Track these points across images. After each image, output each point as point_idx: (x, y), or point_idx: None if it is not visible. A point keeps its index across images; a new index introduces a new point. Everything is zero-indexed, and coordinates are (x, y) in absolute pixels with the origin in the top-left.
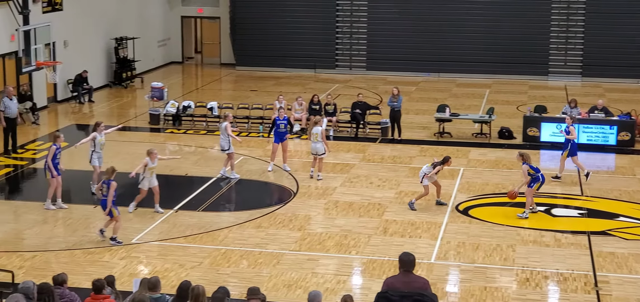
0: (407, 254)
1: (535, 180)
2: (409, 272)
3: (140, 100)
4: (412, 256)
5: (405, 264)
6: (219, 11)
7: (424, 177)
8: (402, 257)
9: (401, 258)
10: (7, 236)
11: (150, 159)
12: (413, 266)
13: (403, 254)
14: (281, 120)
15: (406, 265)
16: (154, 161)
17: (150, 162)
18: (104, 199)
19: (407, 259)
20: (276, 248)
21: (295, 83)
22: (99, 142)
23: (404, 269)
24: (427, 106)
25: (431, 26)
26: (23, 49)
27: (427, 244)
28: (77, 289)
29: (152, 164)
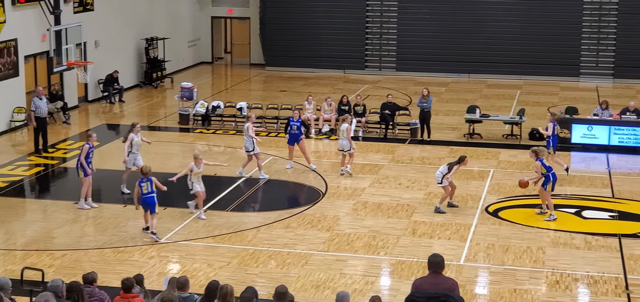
0: (436, 255)
1: (547, 180)
2: (437, 273)
3: (170, 101)
4: (441, 257)
5: (434, 265)
6: (249, 11)
7: (443, 178)
8: (431, 258)
9: (430, 260)
10: (37, 235)
11: (196, 164)
12: (442, 267)
13: (431, 256)
14: (294, 121)
15: (434, 266)
16: (199, 166)
17: (196, 168)
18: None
19: (436, 261)
20: (304, 248)
21: (324, 84)
22: (136, 142)
23: (433, 271)
24: (457, 107)
25: (462, 26)
26: (54, 48)
27: (456, 245)
28: (106, 288)
29: (198, 169)
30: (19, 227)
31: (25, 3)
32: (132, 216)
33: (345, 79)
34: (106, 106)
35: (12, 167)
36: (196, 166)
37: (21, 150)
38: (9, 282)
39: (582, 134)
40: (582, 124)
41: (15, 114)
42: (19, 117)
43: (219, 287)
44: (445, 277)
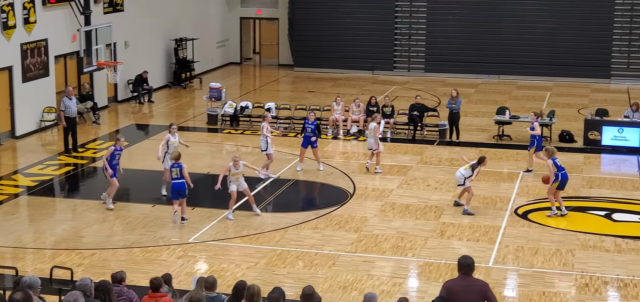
0: (466, 257)
1: (555, 179)
2: (468, 275)
3: (199, 101)
4: (471, 259)
5: (464, 267)
6: (277, 12)
7: (465, 180)
8: (461, 260)
9: (460, 261)
10: (66, 234)
11: (234, 166)
12: (472, 270)
13: (462, 258)
14: (309, 124)
15: (465, 268)
16: (237, 167)
17: (234, 168)
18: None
19: (466, 263)
20: (332, 249)
21: (353, 84)
22: (172, 143)
23: (463, 273)
24: (486, 108)
25: (491, 27)
26: (84, 49)
27: (485, 247)
28: (134, 287)
29: (236, 170)
30: (48, 226)
31: (55, 3)
32: (161, 216)
33: (373, 80)
34: (135, 106)
35: (42, 167)
36: (234, 167)
37: (51, 150)
38: (38, 281)
39: (612, 136)
40: (612, 126)
41: (45, 113)
42: (49, 117)
43: (246, 287)
44: (475, 279)
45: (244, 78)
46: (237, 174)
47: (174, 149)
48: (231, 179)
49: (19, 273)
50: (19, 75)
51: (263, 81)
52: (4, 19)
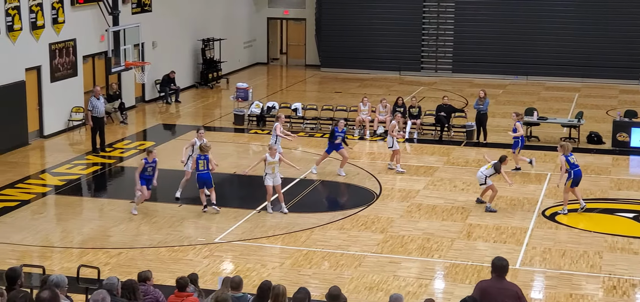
0: (501, 258)
1: (568, 176)
2: (501, 277)
3: (226, 101)
4: (506, 261)
5: (499, 269)
6: (304, 13)
7: (487, 178)
8: (496, 261)
9: (494, 263)
10: (93, 233)
11: (270, 155)
12: (506, 272)
13: (496, 259)
14: (339, 132)
15: (499, 270)
16: (274, 156)
17: (270, 157)
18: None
19: (501, 264)
20: (358, 250)
21: (379, 85)
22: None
23: (497, 274)
24: (514, 109)
25: (519, 28)
26: (112, 49)
27: (512, 249)
28: (161, 287)
29: (272, 159)
30: (75, 226)
31: (84, 4)
32: (187, 216)
33: (400, 81)
34: (162, 106)
35: (69, 166)
36: (271, 156)
37: (79, 149)
38: (65, 280)
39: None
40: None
41: (73, 113)
42: (77, 117)
43: (272, 287)
44: (508, 282)
45: (271, 78)
46: (272, 163)
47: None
48: (267, 170)
49: (46, 272)
50: (48, 75)
51: (290, 81)
52: (33, 19)
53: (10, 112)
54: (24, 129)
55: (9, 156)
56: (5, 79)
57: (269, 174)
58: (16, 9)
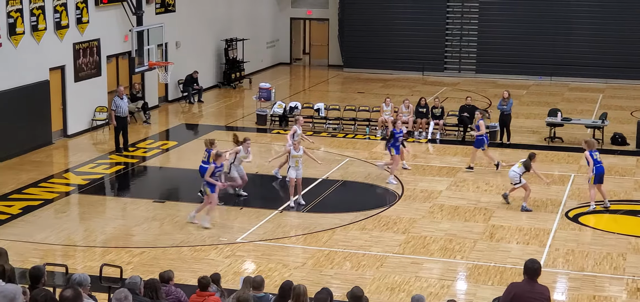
0: (534, 261)
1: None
2: (533, 280)
3: (248, 101)
4: (538, 263)
5: (531, 272)
6: (327, 13)
7: (520, 177)
8: (529, 264)
9: (527, 265)
10: (116, 232)
11: (294, 148)
12: (538, 275)
13: (529, 261)
14: (399, 133)
15: (531, 273)
16: (297, 149)
17: (294, 151)
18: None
19: (533, 267)
20: (380, 250)
21: (402, 85)
22: (241, 157)
23: (529, 277)
24: (538, 110)
25: (544, 28)
26: (136, 49)
27: (535, 250)
28: (183, 286)
29: (296, 153)
30: (98, 225)
31: (108, 4)
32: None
33: (423, 81)
34: (185, 106)
35: (93, 165)
36: (294, 149)
37: (102, 148)
38: (88, 279)
39: None
40: None
41: (97, 113)
42: (101, 116)
43: (293, 287)
44: (540, 285)
45: (294, 78)
46: (296, 156)
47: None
48: (291, 163)
49: (69, 271)
50: (72, 74)
51: (312, 82)
52: (57, 19)
53: (35, 112)
54: (48, 128)
55: (32, 155)
56: (29, 79)
57: (293, 167)
58: (41, 9)
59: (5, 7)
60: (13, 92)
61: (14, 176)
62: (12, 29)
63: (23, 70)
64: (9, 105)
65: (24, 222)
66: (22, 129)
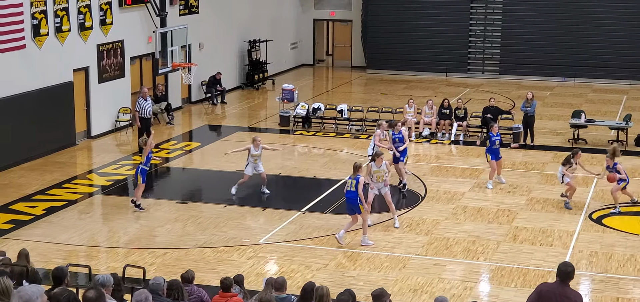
0: (567, 264)
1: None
2: (565, 283)
3: (271, 102)
4: (572, 266)
5: (563, 275)
6: (351, 14)
7: (563, 176)
8: (562, 267)
9: (560, 268)
10: (139, 233)
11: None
12: (571, 278)
13: (562, 264)
14: (495, 136)
15: (563, 276)
16: (257, 148)
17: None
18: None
19: (566, 270)
20: (403, 252)
21: (425, 87)
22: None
23: (561, 280)
24: (561, 112)
25: (567, 29)
26: (160, 50)
27: (558, 252)
28: (206, 287)
29: (256, 151)
30: (121, 226)
31: (132, 5)
32: (232, 216)
33: (446, 83)
34: (208, 107)
35: (116, 167)
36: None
37: (126, 150)
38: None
39: None
40: None
41: (120, 114)
42: (124, 118)
43: (316, 288)
44: (572, 290)
45: (317, 80)
46: (255, 155)
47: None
48: (249, 160)
49: (92, 271)
50: (95, 76)
51: (335, 83)
52: (81, 20)
53: (59, 113)
54: (72, 129)
55: (56, 156)
56: (53, 80)
57: (250, 163)
58: (65, 11)
59: (29, 9)
60: (37, 93)
61: (38, 176)
62: (36, 30)
63: (47, 71)
64: (33, 106)
65: (47, 223)
66: (46, 130)
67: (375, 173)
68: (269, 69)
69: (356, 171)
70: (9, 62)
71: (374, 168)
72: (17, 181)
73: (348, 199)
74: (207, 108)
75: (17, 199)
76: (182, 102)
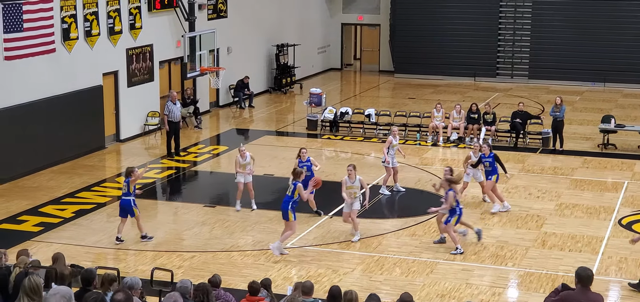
0: (586, 269)
1: None
2: (586, 288)
3: (299, 106)
4: (591, 271)
5: (584, 279)
6: (379, 18)
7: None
8: (581, 272)
9: (579, 273)
10: (167, 236)
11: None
12: (590, 282)
13: (581, 269)
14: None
15: (584, 280)
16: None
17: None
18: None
19: (586, 275)
20: (430, 257)
21: (453, 91)
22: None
23: (582, 285)
24: (591, 116)
25: (597, 34)
26: (188, 54)
27: (587, 258)
28: (233, 290)
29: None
30: (150, 229)
31: (161, 10)
32: (259, 220)
33: (475, 87)
34: (236, 111)
35: (145, 170)
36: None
37: (154, 153)
38: (139, 282)
39: None
40: None
41: (149, 118)
42: (153, 121)
43: (344, 293)
44: (594, 293)
45: (345, 84)
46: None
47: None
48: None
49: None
50: (125, 79)
51: (363, 87)
52: (110, 25)
53: (88, 117)
54: (101, 133)
55: (86, 159)
56: (83, 84)
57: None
58: (94, 15)
59: (59, 13)
60: (67, 97)
61: (67, 179)
62: (66, 34)
63: (77, 75)
64: (62, 110)
65: (76, 225)
66: (76, 133)
67: (348, 188)
68: (297, 73)
69: (296, 177)
70: (39, 66)
71: (348, 183)
72: (47, 183)
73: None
74: (235, 112)
75: (46, 202)
76: (210, 106)
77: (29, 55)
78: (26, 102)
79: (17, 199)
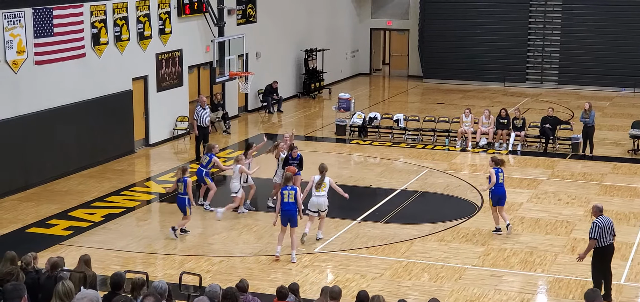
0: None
1: None
2: None
3: (328, 111)
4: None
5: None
6: (408, 23)
7: None
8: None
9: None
10: (196, 241)
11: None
12: None
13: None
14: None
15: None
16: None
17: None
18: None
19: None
20: (459, 262)
21: (482, 96)
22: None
23: None
24: (621, 122)
25: (627, 39)
26: (217, 59)
27: (617, 264)
28: (261, 295)
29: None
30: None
31: (190, 15)
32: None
33: (504, 92)
34: (265, 116)
35: (174, 174)
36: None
37: (183, 158)
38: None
39: None
40: None
41: (178, 122)
42: (182, 126)
43: (371, 297)
44: None
45: (373, 89)
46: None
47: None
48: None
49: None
50: (154, 84)
51: (392, 92)
52: (140, 30)
53: (118, 121)
54: (130, 137)
55: (115, 163)
56: (113, 88)
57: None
58: (124, 20)
59: (89, 18)
60: (97, 101)
61: (97, 184)
62: (96, 39)
63: (106, 80)
64: (92, 114)
65: (105, 229)
66: (105, 138)
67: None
68: (326, 78)
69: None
70: (69, 70)
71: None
72: (76, 188)
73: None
74: (264, 117)
75: (76, 206)
76: (239, 111)
77: (59, 60)
78: (56, 107)
79: (47, 203)
